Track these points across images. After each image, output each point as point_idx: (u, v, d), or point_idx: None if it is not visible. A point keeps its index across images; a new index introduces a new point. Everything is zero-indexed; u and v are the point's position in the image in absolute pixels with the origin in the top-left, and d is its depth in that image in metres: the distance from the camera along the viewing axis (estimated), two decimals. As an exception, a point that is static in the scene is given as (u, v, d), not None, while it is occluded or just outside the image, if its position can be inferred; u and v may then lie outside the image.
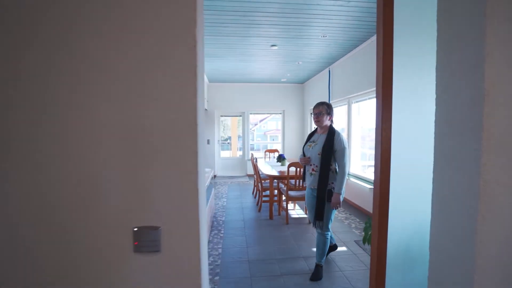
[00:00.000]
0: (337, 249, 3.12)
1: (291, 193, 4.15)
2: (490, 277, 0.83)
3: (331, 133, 2.49)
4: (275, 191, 4.60)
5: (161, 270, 0.86)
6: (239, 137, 9.90)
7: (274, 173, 4.46)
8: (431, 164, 1.00)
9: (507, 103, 0.80)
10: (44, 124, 0.80)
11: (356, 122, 5.36)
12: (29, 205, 0.81)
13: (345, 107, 5.60)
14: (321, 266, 2.68)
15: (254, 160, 5.60)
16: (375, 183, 1.42)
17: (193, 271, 0.87)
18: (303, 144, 2.80)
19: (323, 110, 2.55)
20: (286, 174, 4.09)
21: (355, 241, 3.48)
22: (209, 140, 8.27)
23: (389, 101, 1.32)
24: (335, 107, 5.73)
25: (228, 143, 11.49)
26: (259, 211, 4.79)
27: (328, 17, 3.52)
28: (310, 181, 2.60)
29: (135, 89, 0.81)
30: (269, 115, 11.12)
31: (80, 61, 0.80)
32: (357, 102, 5.22)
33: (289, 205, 4.89)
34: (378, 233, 1.42)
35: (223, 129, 12.59)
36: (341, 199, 2.44)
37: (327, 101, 2.86)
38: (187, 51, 0.80)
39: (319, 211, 2.46)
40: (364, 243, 2.02)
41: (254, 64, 6.02)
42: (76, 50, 0.79)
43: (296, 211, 4.81)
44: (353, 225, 4.10)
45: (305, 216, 4.51)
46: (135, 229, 0.85)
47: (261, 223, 4.23)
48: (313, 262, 2.90)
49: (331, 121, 2.60)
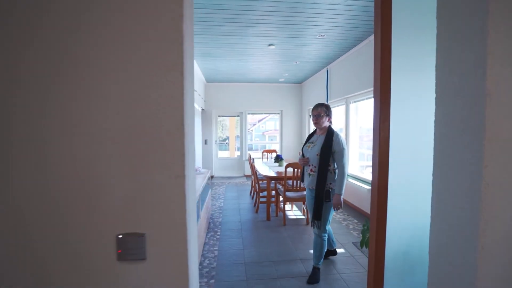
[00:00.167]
0: (336, 254, 3.07)
1: (289, 194, 4.12)
2: (492, 283, 0.80)
3: (329, 134, 2.49)
4: (273, 192, 4.56)
5: (146, 279, 0.81)
6: (237, 137, 9.86)
7: (272, 173, 4.42)
8: (431, 165, 0.97)
9: (510, 103, 0.77)
10: (15, 128, 0.75)
11: (354, 122, 5.33)
12: (4, 212, 0.76)
13: (343, 107, 5.58)
14: (319, 269, 2.64)
15: (252, 161, 5.56)
16: (372, 185, 1.38)
17: (181, 280, 0.82)
18: (301, 144, 2.83)
19: (322, 111, 2.55)
20: (283, 174, 4.05)
21: (353, 242, 3.44)
22: (206, 141, 8.22)
23: (387, 101, 1.27)
24: (333, 107, 5.68)
25: (227, 143, 11.45)
26: (256, 212, 4.75)
27: (325, 16, 3.48)
28: (309, 182, 2.60)
29: (116, 89, 0.76)
30: (267, 115, 11.09)
31: (57, 56, 0.75)
32: (355, 102, 5.19)
33: (286, 206, 4.85)
34: (376, 236, 1.38)
35: (222, 129, 12.53)
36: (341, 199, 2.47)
37: (326, 102, 2.86)
38: (173, 47, 0.76)
39: (317, 211, 2.47)
40: (362, 246, 1.97)
41: (252, 64, 5.97)
42: (58, 46, 0.75)
43: (293, 212, 4.77)
44: (351, 226, 4.06)
45: (302, 217, 4.47)
46: (119, 236, 0.80)
47: (258, 224, 4.19)
48: (310, 265, 2.86)
49: (330, 122, 2.60)
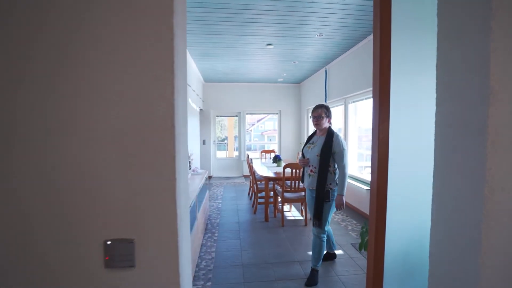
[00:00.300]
0: (335, 258, 3.02)
1: (287, 195, 4.08)
2: (495, 290, 0.77)
3: (329, 135, 2.52)
4: (271, 193, 4.52)
5: (135, 287, 0.77)
6: (235, 137, 9.83)
7: (270, 174, 4.39)
8: (431, 167, 0.94)
9: (515, 103, 0.74)
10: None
11: (352, 122, 5.30)
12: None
13: (341, 107, 5.55)
14: (317, 271, 2.61)
15: (250, 161, 5.52)
16: (371, 187, 1.35)
17: (172, 288, 0.78)
18: (299, 145, 2.85)
19: (322, 113, 2.58)
20: (281, 175, 4.01)
21: (351, 244, 3.41)
22: (204, 141, 8.17)
23: (386, 102, 1.24)
24: (331, 107, 5.67)
25: (226, 143, 11.40)
26: (254, 213, 4.71)
27: (324, 15, 3.45)
28: (309, 182, 2.61)
29: (103, 87, 0.72)
30: (266, 115, 11.06)
31: (42, 52, 0.71)
32: (354, 102, 5.17)
33: (284, 207, 4.82)
34: (375, 239, 1.35)
35: (220, 129, 12.48)
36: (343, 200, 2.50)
37: (325, 103, 2.88)
38: (162, 44, 0.72)
39: (317, 211, 2.49)
40: (360, 249, 1.93)
41: (250, 64, 5.94)
42: (42, 44, 0.71)
43: (292, 213, 4.74)
44: (349, 227, 4.03)
45: (301, 218, 4.44)
46: (107, 242, 0.76)
47: (256, 225, 4.15)
48: (308, 266, 2.82)
49: (330, 123, 2.63)
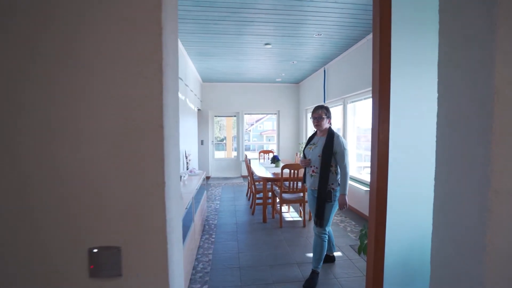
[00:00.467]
0: (334, 260, 2.97)
1: (285, 195, 4.04)
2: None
3: (330, 135, 2.53)
4: (269, 194, 4.49)
5: (122, 298, 0.73)
6: (234, 137, 9.79)
7: (268, 175, 4.35)
8: (433, 169, 0.90)
9: (521, 102, 0.70)
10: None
11: (351, 122, 5.27)
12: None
13: (340, 108, 5.51)
14: (318, 273, 2.57)
15: (248, 161, 5.48)
16: (371, 189, 1.31)
17: (161, 298, 0.74)
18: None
19: (322, 113, 2.59)
20: (280, 176, 3.97)
21: (350, 245, 3.37)
22: (203, 141, 8.13)
23: (386, 101, 1.20)
24: (330, 107, 5.64)
25: (224, 143, 11.35)
26: (252, 214, 4.67)
27: (322, 14, 3.41)
28: (311, 183, 2.62)
29: (85, 86, 0.68)
30: (265, 115, 11.03)
31: (15, 49, 0.67)
32: (352, 102, 5.13)
33: (283, 208, 4.78)
34: (375, 243, 1.31)
35: (219, 129, 12.44)
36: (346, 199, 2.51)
37: (324, 104, 2.88)
38: (150, 40, 0.68)
39: (319, 210, 2.50)
40: (359, 253, 1.89)
41: (248, 63, 5.90)
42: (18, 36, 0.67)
43: (290, 214, 4.70)
44: (348, 229, 4.00)
45: (299, 219, 4.40)
46: (91, 250, 0.72)
47: (254, 226, 4.11)
48: (307, 269, 2.79)
49: (330, 124, 2.65)
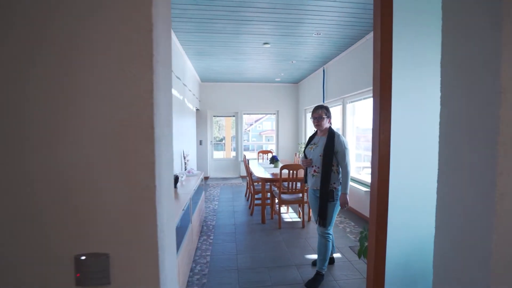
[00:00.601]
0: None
1: (284, 196, 4.01)
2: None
3: (331, 135, 2.53)
4: (268, 194, 4.45)
5: (111, 307, 0.69)
6: (233, 137, 9.75)
7: (267, 175, 4.31)
8: (435, 170, 0.87)
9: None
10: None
11: (350, 122, 5.24)
12: None
13: (339, 107, 5.48)
14: (322, 275, 2.55)
15: (247, 162, 5.44)
16: (372, 190, 1.27)
17: (152, 308, 0.70)
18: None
19: (322, 113, 2.58)
20: (279, 176, 3.94)
21: (349, 247, 3.34)
22: (201, 141, 8.08)
23: (387, 100, 1.16)
24: (329, 107, 5.62)
25: (224, 143, 11.31)
26: (251, 214, 4.63)
27: (321, 13, 3.38)
28: (312, 182, 2.60)
29: (71, 84, 0.64)
30: (264, 115, 10.99)
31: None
32: (352, 102, 5.10)
33: (282, 208, 4.74)
34: (375, 246, 1.27)
35: (218, 129, 12.39)
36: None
37: (324, 104, 2.87)
38: (140, 36, 0.64)
39: (322, 210, 2.49)
40: (359, 256, 1.86)
41: (247, 63, 5.86)
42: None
43: (289, 214, 4.66)
44: (347, 230, 3.96)
45: (298, 220, 4.36)
46: (78, 257, 0.68)
47: (253, 227, 4.07)
48: (306, 271, 2.76)
49: (330, 123, 2.64)
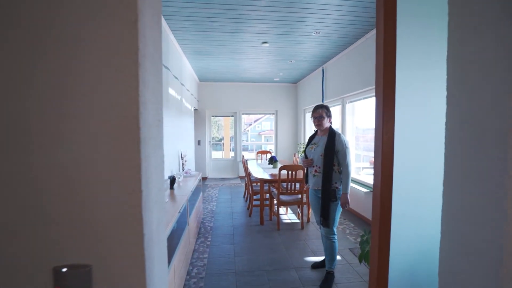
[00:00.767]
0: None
1: (283, 197, 3.96)
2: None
3: (331, 134, 2.51)
4: (266, 195, 4.39)
5: (94, 324, 0.64)
6: (231, 137, 9.70)
7: (265, 176, 4.26)
8: (441, 173, 0.81)
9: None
10: None
11: (350, 122, 5.19)
12: None
13: (339, 107, 5.44)
14: (332, 273, 2.57)
15: (245, 162, 5.39)
16: (374, 193, 1.22)
17: (138, 324, 0.65)
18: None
19: (323, 113, 2.57)
20: (277, 177, 3.88)
21: (349, 249, 3.29)
22: (200, 141, 8.03)
23: (391, 99, 1.11)
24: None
25: (223, 143, 11.26)
26: (249, 215, 4.57)
27: (321, 12, 3.33)
28: (314, 182, 2.58)
29: (51, 81, 0.58)
30: (263, 115, 10.94)
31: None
32: (351, 102, 5.06)
33: (280, 209, 4.69)
34: (378, 252, 1.22)
35: (217, 129, 12.32)
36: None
37: (324, 103, 2.84)
38: (123, 29, 0.58)
39: (324, 210, 2.46)
40: (360, 261, 1.80)
41: (245, 62, 5.81)
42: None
43: (288, 215, 4.61)
44: (347, 231, 3.91)
45: (297, 221, 4.31)
46: (57, 269, 0.62)
47: (251, 229, 4.02)
48: (305, 273, 2.72)
49: (330, 123, 2.62)
